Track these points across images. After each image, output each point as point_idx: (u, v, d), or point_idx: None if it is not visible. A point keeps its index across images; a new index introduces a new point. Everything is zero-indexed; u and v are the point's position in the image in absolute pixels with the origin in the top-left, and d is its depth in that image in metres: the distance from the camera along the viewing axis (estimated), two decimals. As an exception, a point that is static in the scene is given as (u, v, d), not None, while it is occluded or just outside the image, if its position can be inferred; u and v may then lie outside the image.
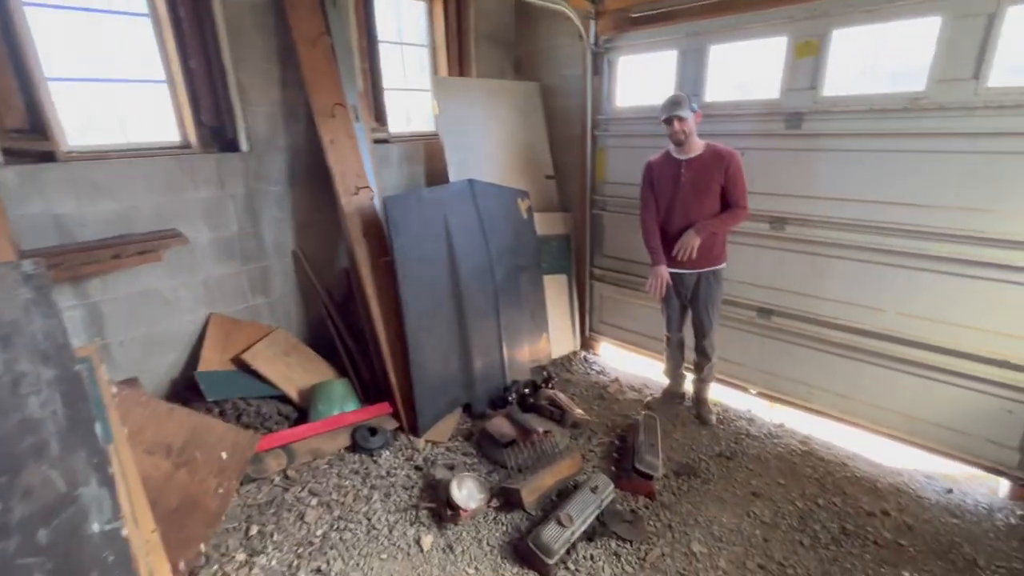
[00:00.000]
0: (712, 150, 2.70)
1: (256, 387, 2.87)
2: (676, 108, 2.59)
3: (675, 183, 2.76)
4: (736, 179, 2.66)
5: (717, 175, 2.67)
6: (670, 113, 2.61)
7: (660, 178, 2.83)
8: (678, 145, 2.72)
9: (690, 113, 2.61)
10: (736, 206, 2.70)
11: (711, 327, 2.96)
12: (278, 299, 3.24)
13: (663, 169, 2.82)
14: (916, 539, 2.26)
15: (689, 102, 2.61)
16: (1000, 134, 2.21)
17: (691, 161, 2.71)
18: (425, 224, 2.92)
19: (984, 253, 2.35)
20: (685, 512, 2.41)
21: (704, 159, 2.70)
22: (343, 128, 2.93)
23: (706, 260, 2.80)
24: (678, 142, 2.70)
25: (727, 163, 2.64)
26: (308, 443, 2.70)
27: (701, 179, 2.70)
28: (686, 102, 2.61)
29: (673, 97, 2.66)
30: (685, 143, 2.68)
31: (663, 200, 2.84)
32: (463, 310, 3.07)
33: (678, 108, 2.59)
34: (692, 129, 2.65)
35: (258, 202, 3.03)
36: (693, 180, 2.71)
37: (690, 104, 2.61)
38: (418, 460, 2.74)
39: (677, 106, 2.60)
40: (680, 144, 2.70)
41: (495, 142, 3.83)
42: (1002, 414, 2.47)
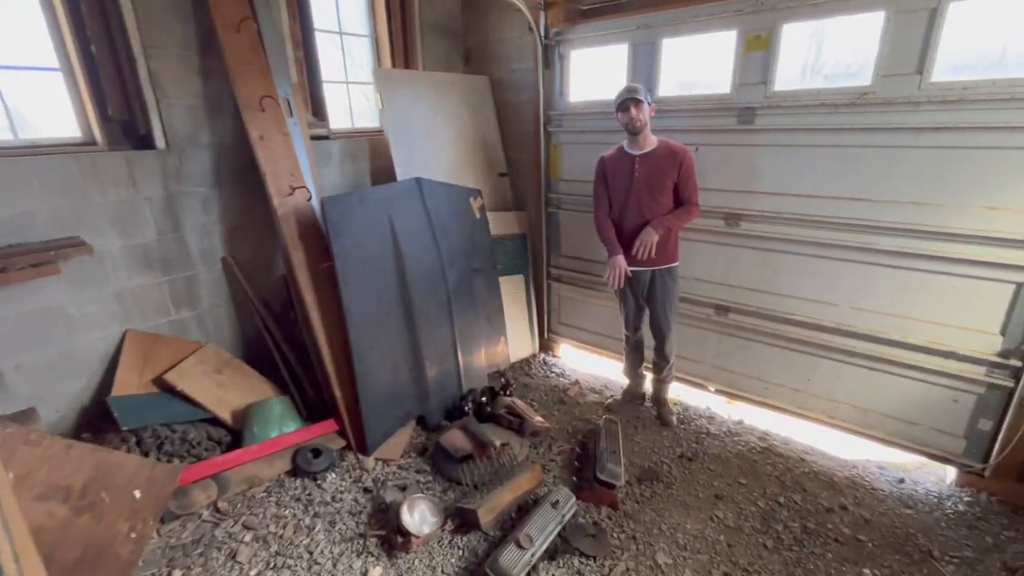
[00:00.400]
0: (666, 146, 2.66)
1: (182, 410, 2.59)
2: (633, 95, 2.55)
3: (629, 178, 2.71)
4: (689, 176, 2.64)
5: (671, 171, 2.63)
6: (628, 96, 2.56)
7: (614, 174, 2.78)
8: (634, 134, 2.65)
9: (645, 104, 2.57)
10: (689, 203, 2.68)
11: (669, 329, 2.91)
12: (207, 311, 2.94)
13: (617, 164, 2.77)
14: (874, 533, 2.27)
15: (645, 93, 2.58)
16: (943, 128, 2.24)
17: (645, 156, 2.67)
18: (368, 226, 2.71)
19: (929, 247, 2.38)
20: (649, 521, 2.33)
21: (658, 155, 2.66)
22: (274, 123, 2.68)
23: (661, 258, 2.75)
24: (634, 131, 2.63)
25: (680, 159, 2.62)
26: (242, 470, 2.46)
27: (655, 175, 2.66)
28: (643, 91, 2.58)
29: (629, 85, 2.64)
30: (640, 135, 2.64)
31: (617, 196, 2.79)
32: (413, 317, 2.89)
33: (635, 95, 2.55)
34: (647, 120, 2.62)
35: (180, 205, 2.73)
36: (647, 176, 2.67)
37: (646, 94, 2.57)
38: (367, 481, 2.54)
39: (634, 94, 2.56)
40: (636, 133, 2.64)
41: (444, 138, 3.65)
42: (949, 404, 2.52)
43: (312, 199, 2.75)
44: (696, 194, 2.68)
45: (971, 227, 2.27)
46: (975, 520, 2.33)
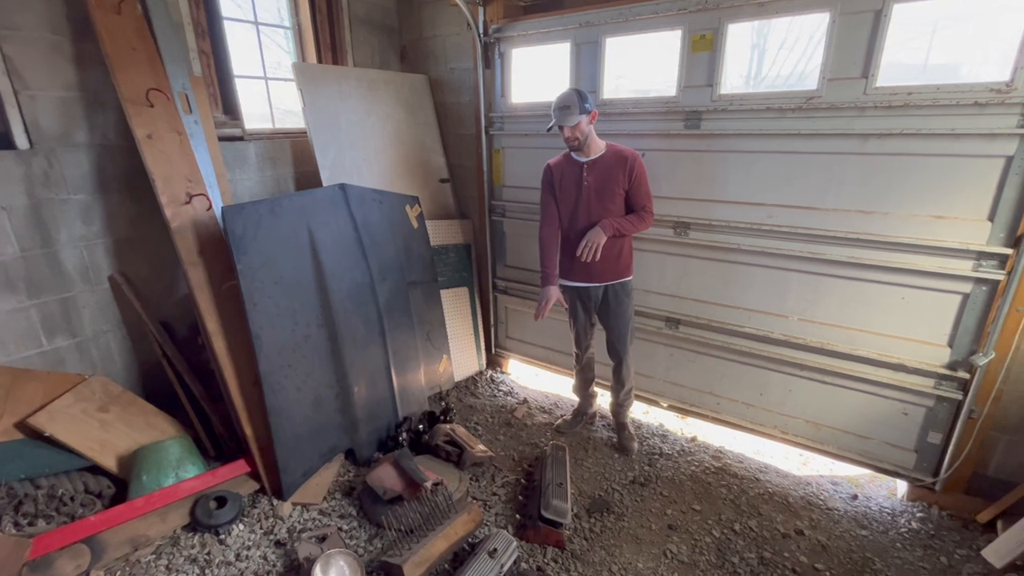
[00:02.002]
0: (614, 151, 2.49)
1: (53, 460, 2.18)
2: (564, 116, 2.36)
3: (578, 186, 2.53)
4: (640, 182, 2.47)
5: (621, 178, 2.47)
6: (558, 122, 2.38)
7: (562, 181, 2.59)
8: (575, 151, 2.50)
9: (582, 116, 2.35)
10: (643, 210, 2.51)
11: (625, 349, 2.73)
12: (91, 338, 2.53)
13: (564, 171, 2.58)
14: (831, 560, 2.15)
15: (581, 102, 2.34)
16: (889, 135, 2.16)
17: (593, 163, 2.49)
18: (281, 239, 2.39)
19: (877, 256, 2.31)
20: (599, 561, 2.12)
21: (607, 161, 2.48)
22: (166, 120, 2.32)
23: (613, 272, 2.59)
24: (574, 148, 2.48)
25: (630, 165, 2.45)
26: (125, 529, 2.07)
27: (604, 182, 2.48)
28: (576, 104, 2.34)
29: (561, 100, 2.39)
30: (583, 146, 2.45)
31: (566, 206, 2.60)
32: (338, 339, 2.58)
33: (567, 115, 2.35)
34: (588, 131, 2.42)
35: (50, 215, 2.32)
36: (597, 184, 2.49)
37: (582, 104, 2.34)
38: (281, 532, 2.21)
39: (565, 112, 2.35)
40: (577, 149, 2.48)
41: (379, 141, 3.36)
42: (899, 417, 2.45)
43: (214, 208, 2.40)
44: (650, 201, 2.51)
45: (918, 236, 2.21)
46: (928, 538, 2.26)
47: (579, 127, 2.38)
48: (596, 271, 2.58)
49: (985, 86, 1.97)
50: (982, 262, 2.12)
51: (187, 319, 2.81)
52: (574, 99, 2.35)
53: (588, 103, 2.36)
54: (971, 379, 2.22)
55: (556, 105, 2.40)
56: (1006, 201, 2.02)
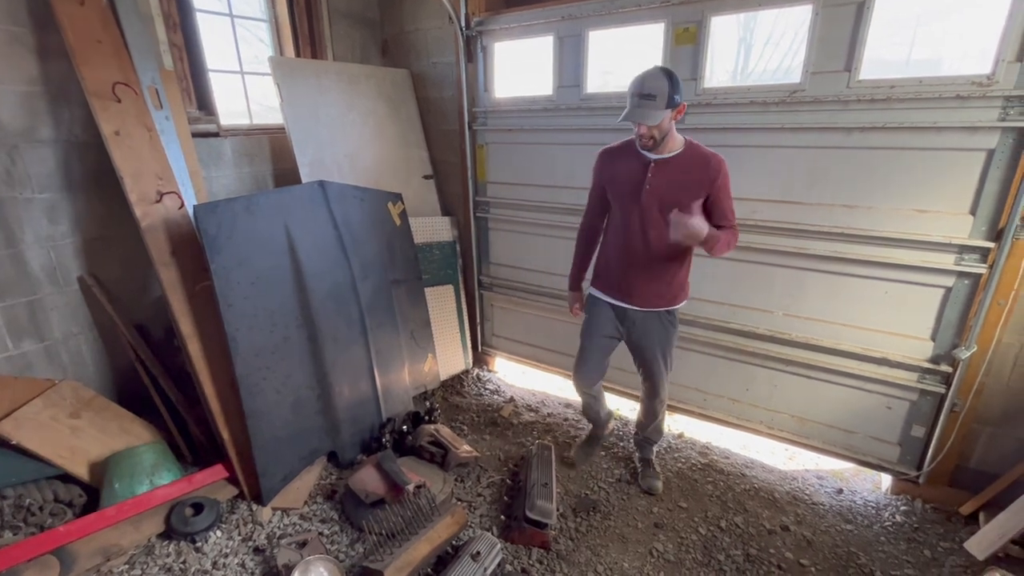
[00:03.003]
0: (695, 151, 1.95)
1: (21, 468, 2.10)
2: (645, 110, 1.80)
3: (636, 189, 1.99)
4: (726, 194, 1.96)
5: (697, 188, 1.92)
6: (633, 119, 1.84)
7: (617, 177, 2.06)
8: (647, 150, 1.98)
9: (668, 110, 1.80)
10: (732, 228, 2.00)
11: (662, 384, 2.31)
12: (61, 342, 2.44)
13: (622, 165, 2.04)
14: (816, 556, 2.14)
15: (672, 91, 1.78)
16: (871, 128, 2.15)
17: (664, 163, 1.93)
18: (258, 238, 2.33)
19: (861, 251, 2.30)
20: (584, 562, 2.09)
21: (682, 162, 1.93)
22: (134, 116, 2.24)
23: (661, 296, 2.11)
24: (646, 147, 1.96)
25: (714, 172, 1.90)
26: (97, 539, 2.01)
27: (674, 190, 1.93)
28: (664, 95, 1.77)
29: (643, 84, 1.80)
30: (658, 145, 1.94)
31: (619, 209, 2.08)
32: (319, 340, 2.52)
33: (648, 111, 1.79)
34: (668, 127, 1.88)
35: (14, 214, 2.23)
36: (663, 190, 1.95)
37: (672, 96, 1.78)
38: (260, 539, 2.15)
39: (647, 105, 1.79)
40: (650, 149, 1.97)
41: (360, 137, 3.29)
42: (883, 411, 2.46)
43: (186, 207, 2.32)
44: (734, 213, 2.01)
45: (901, 230, 2.20)
46: (912, 532, 2.26)
47: (661, 125, 1.84)
48: (639, 292, 2.10)
49: (967, 79, 1.96)
50: (964, 256, 2.12)
51: (162, 321, 2.73)
52: (664, 86, 1.76)
53: (679, 93, 1.80)
54: (953, 372, 2.23)
55: (635, 89, 1.80)
56: (988, 194, 2.02)
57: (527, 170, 3.17)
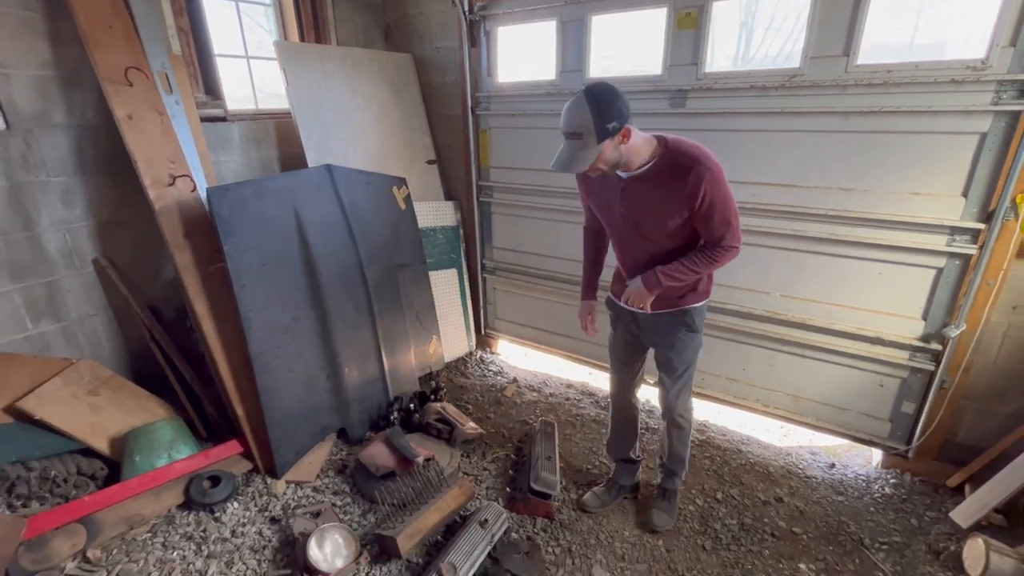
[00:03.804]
0: (671, 160, 1.60)
1: (45, 443, 2.18)
2: (574, 156, 1.53)
3: (613, 212, 1.79)
4: (711, 204, 1.58)
5: (673, 204, 1.61)
6: (561, 167, 1.56)
7: (593, 197, 1.88)
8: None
9: (603, 144, 1.49)
10: (716, 245, 1.66)
11: (673, 390, 2.04)
12: (77, 323, 2.51)
13: (595, 184, 1.81)
14: (808, 525, 2.24)
15: (601, 121, 1.46)
16: (869, 112, 2.20)
17: (636, 180, 1.65)
18: (268, 220, 2.38)
19: (857, 233, 2.36)
20: (586, 530, 2.19)
21: (658, 175, 1.62)
22: (146, 100, 2.28)
23: (661, 299, 1.84)
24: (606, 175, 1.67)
25: (692, 182, 1.55)
26: (120, 509, 2.10)
27: (647, 209, 1.69)
28: (591, 130, 1.46)
29: (566, 122, 1.51)
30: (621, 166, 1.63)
31: (605, 224, 1.92)
32: (328, 321, 2.59)
33: (577, 155, 1.52)
34: (616, 156, 1.56)
35: (30, 197, 2.28)
36: (638, 213, 1.71)
37: (602, 126, 1.46)
38: (275, 509, 2.25)
39: (575, 146, 1.52)
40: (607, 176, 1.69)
41: (364, 122, 3.32)
42: (875, 388, 2.54)
43: (198, 190, 2.38)
44: (728, 229, 1.63)
45: (895, 213, 2.26)
46: (901, 502, 2.36)
47: (601, 159, 1.54)
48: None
49: (962, 64, 2.00)
50: (956, 237, 2.18)
51: (174, 302, 2.80)
52: (587, 119, 1.46)
53: (615, 118, 1.47)
54: (943, 351, 2.30)
55: (562, 127, 1.54)
56: (979, 177, 2.07)
57: (530, 155, 3.21)
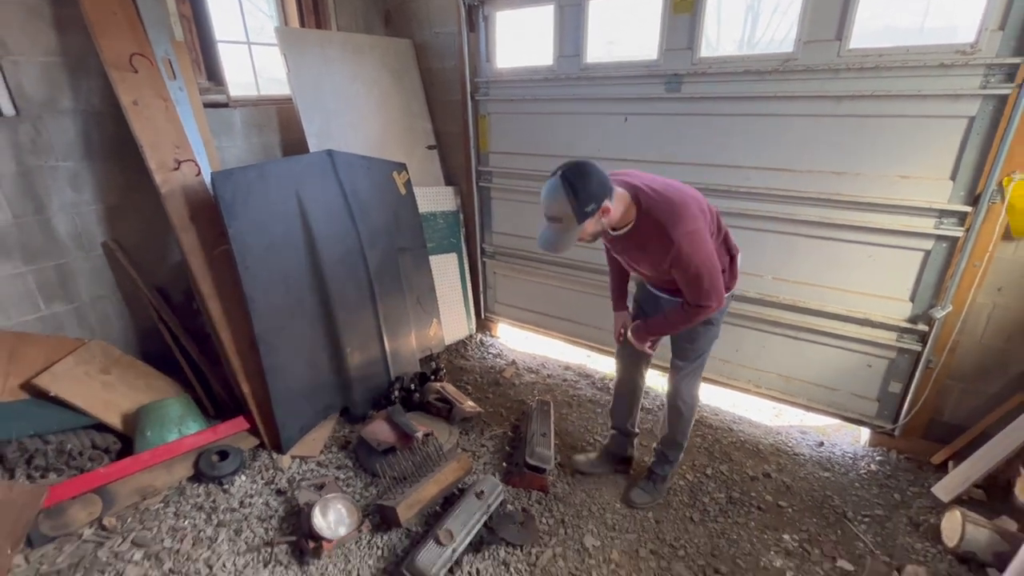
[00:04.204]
0: (650, 226, 1.65)
1: (60, 418, 2.28)
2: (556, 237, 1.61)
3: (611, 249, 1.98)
4: (685, 269, 1.65)
5: (658, 258, 1.68)
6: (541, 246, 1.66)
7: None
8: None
9: (583, 223, 1.56)
10: (691, 304, 1.74)
11: (683, 369, 2.05)
12: (88, 304, 2.60)
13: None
14: (794, 498, 2.32)
15: (579, 205, 1.52)
16: (861, 97, 2.22)
17: (621, 237, 1.76)
18: (271, 204, 2.45)
19: (848, 216, 2.40)
20: (579, 502, 2.28)
21: (638, 238, 1.71)
22: (150, 86, 2.33)
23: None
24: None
25: (669, 252, 1.63)
26: (133, 480, 2.19)
27: (639, 260, 1.82)
28: (568, 213, 1.53)
29: (546, 205, 1.58)
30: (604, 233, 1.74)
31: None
32: (330, 303, 2.66)
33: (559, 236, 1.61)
34: (599, 228, 1.64)
35: (40, 182, 2.35)
36: (630, 259, 1.87)
37: (580, 209, 1.53)
38: (281, 482, 2.34)
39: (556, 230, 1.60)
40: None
41: (364, 108, 3.36)
42: (864, 369, 2.60)
43: (202, 174, 2.44)
44: (702, 294, 1.69)
45: (886, 196, 2.30)
46: (885, 478, 2.44)
47: (584, 234, 1.62)
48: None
49: (951, 48, 2.03)
50: (943, 220, 2.22)
51: (181, 285, 2.88)
52: (565, 207, 1.52)
53: (591, 203, 1.52)
54: (930, 331, 2.36)
55: (543, 210, 1.60)
56: (967, 160, 2.11)
57: (528, 140, 3.25)
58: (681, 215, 1.62)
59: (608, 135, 2.92)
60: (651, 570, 1.97)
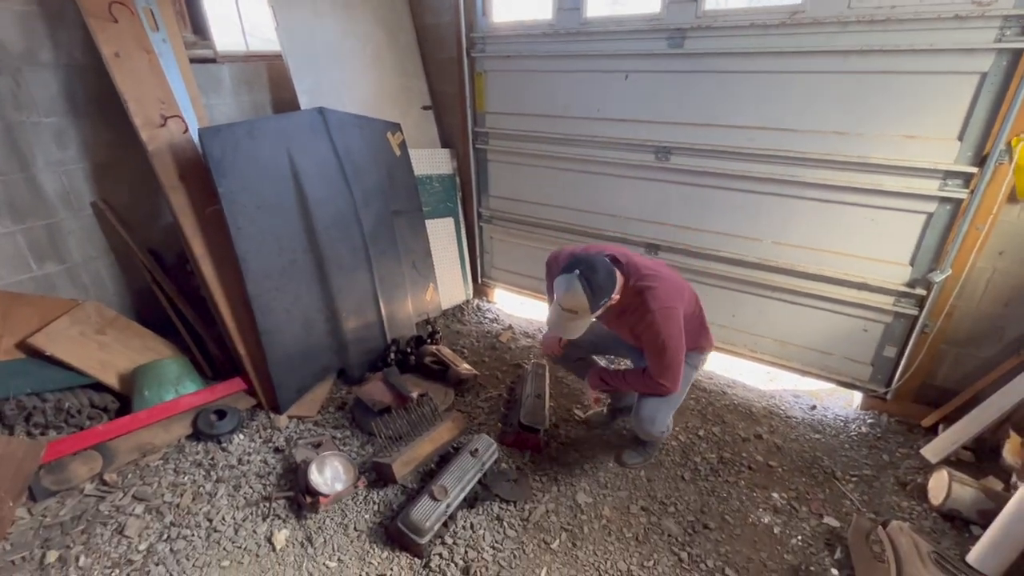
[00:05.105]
0: (633, 299, 1.81)
1: (57, 377, 2.29)
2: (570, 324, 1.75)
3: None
4: (649, 343, 1.81)
5: (635, 323, 1.84)
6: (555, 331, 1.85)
7: None
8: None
9: (590, 318, 1.75)
10: (651, 374, 1.86)
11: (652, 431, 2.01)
12: (80, 264, 2.57)
13: None
14: (784, 459, 2.36)
15: (594, 302, 1.67)
16: (869, 51, 2.14)
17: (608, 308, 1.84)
18: (261, 163, 2.39)
19: (850, 178, 2.35)
20: (572, 462, 2.32)
21: (618, 310, 1.86)
22: (132, 37, 2.24)
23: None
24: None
25: (643, 326, 1.80)
26: (133, 438, 2.23)
27: (615, 325, 1.98)
28: (584, 308, 1.68)
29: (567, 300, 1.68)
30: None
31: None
32: (324, 265, 2.64)
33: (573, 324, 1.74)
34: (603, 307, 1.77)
35: (23, 138, 2.29)
36: (608, 324, 2.03)
37: (595, 304, 1.68)
38: (279, 441, 2.37)
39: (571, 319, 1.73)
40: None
41: (357, 65, 3.25)
42: (859, 333, 2.60)
43: (190, 131, 2.37)
44: (663, 368, 1.81)
45: (890, 157, 2.24)
46: (875, 440, 2.47)
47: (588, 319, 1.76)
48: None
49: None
50: (948, 181, 2.17)
51: (174, 247, 2.85)
52: (583, 303, 1.66)
53: (606, 296, 1.69)
54: (927, 296, 2.34)
55: (557, 299, 1.72)
56: (976, 119, 2.05)
57: (526, 99, 3.16)
58: (664, 294, 1.77)
59: (608, 94, 2.84)
60: (641, 525, 2.01)
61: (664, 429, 2.01)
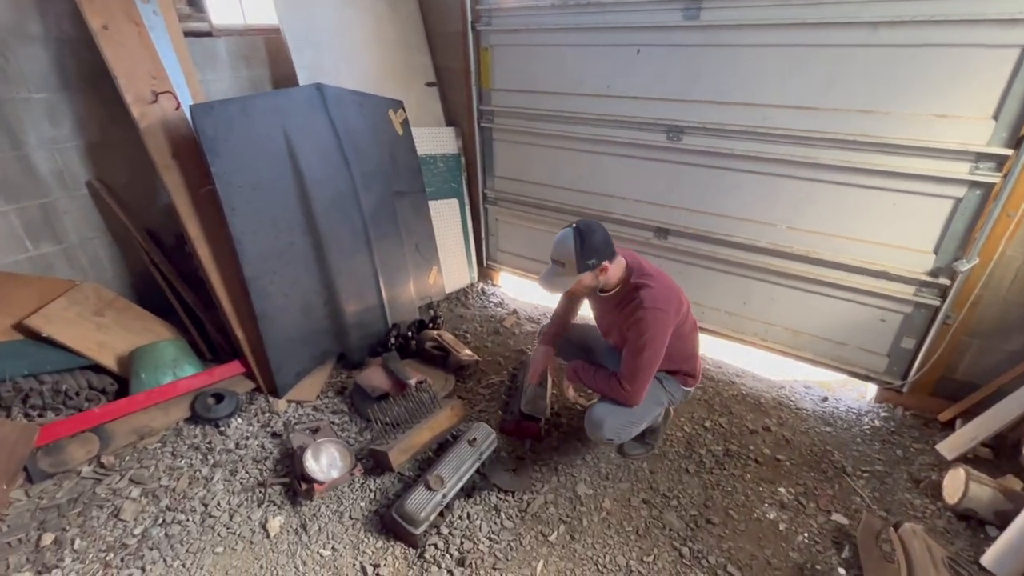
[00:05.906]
0: (631, 295, 1.81)
1: (55, 358, 2.28)
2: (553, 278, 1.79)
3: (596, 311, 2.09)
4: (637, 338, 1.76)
5: (625, 320, 1.82)
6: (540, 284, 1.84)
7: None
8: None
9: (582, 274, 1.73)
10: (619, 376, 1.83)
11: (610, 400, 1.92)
12: (77, 245, 2.54)
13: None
14: (793, 452, 2.29)
15: (582, 256, 1.69)
16: (900, 23, 1.99)
17: (605, 299, 1.92)
18: (256, 141, 2.32)
19: (873, 160, 2.22)
20: (573, 451, 2.27)
21: (615, 301, 1.88)
22: (121, 9, 2.16)
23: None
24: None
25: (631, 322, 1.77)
26: (131, 421, 2.22)
27: (614, 321, 1.92)
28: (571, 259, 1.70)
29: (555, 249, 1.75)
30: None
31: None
32: (323, 247, 2.58)
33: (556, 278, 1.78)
34: (595, 283, 1.81)
35: (13, 115, 2.23)
36: (603, 318, 2.03)
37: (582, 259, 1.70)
38: (277, 425, 2.35)
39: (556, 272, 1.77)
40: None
41: (358, 39, 3.14)
42: (876, 323, 2.49)
43: (182, 107, 2.30)
44: (631, 374, 1.79)
45: (917, 137, 2.10)
46: (889, 435, 2.38)
47: (580, 284, 1.78)
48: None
49: (1012, -39, 1.77)
50: (980, 164, 2.03)
51: (172, 228, 2.80)
52: (570, 252, 1.69)
53: (594, 255, 1.70)
54: (951, 286, 2.22)
55: (551, 251, 1.78)
56: (1014, 97, 1.90)
57: (534, 75, 3.03)
58: (660, 297, 1.77)
59: (618, 70, 2.70)
60: (642, 518, 1.96)
61: (612, 437, 1.90)
